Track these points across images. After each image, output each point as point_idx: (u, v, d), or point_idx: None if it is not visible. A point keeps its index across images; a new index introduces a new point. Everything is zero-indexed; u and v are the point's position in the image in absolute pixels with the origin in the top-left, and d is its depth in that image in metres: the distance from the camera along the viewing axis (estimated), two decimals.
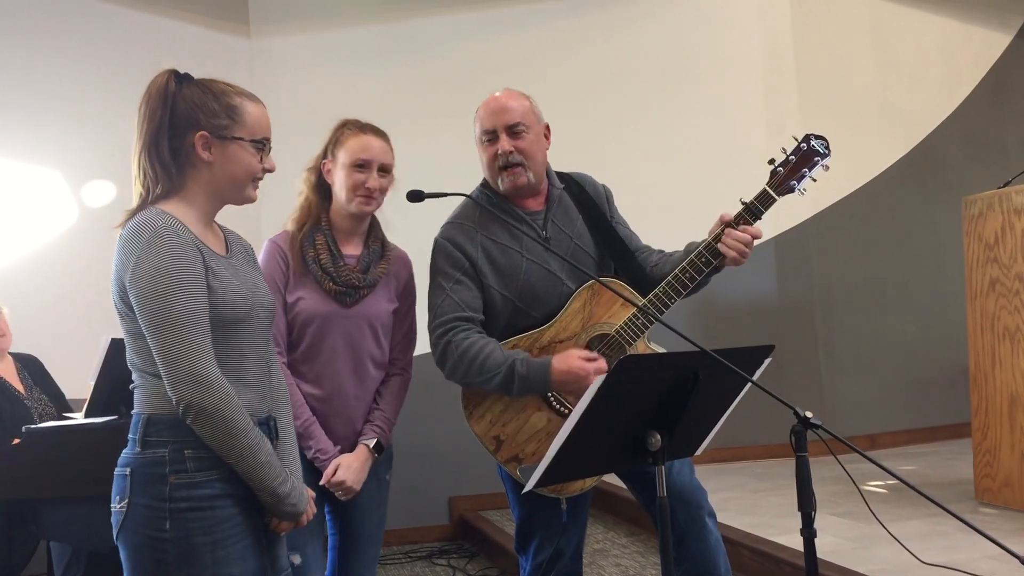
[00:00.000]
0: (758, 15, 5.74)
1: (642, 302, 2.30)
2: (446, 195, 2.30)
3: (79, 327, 4.62)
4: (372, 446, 2.38)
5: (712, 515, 2.40)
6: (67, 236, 5.04)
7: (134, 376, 1.76)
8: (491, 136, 2.38)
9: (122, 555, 1.72)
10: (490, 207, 2.41)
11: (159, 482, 1.67)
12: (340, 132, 2.42)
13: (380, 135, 2.42)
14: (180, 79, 1.78)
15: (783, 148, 2.34)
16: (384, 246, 2.48)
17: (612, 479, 2.60)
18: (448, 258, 2.38)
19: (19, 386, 3.97)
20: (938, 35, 6.12)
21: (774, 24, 5.72)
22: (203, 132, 1.75)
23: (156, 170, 1.74)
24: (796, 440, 1.66)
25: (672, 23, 5.70)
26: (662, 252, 2.52)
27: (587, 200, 2.49)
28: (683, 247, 2.44)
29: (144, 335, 1.68)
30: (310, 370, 2.37)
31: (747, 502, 4.23)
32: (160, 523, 1.66)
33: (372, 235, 2.47)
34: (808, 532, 1.69)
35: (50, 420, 3.81)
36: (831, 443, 1.69)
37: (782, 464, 5.02)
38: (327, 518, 2.46)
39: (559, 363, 2.25)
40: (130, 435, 1.74)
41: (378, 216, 2.49)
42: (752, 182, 2.40)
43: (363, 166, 2.36)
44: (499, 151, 2.35)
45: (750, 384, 1.80)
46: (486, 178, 2.46)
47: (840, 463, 1.89)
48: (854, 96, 5.82)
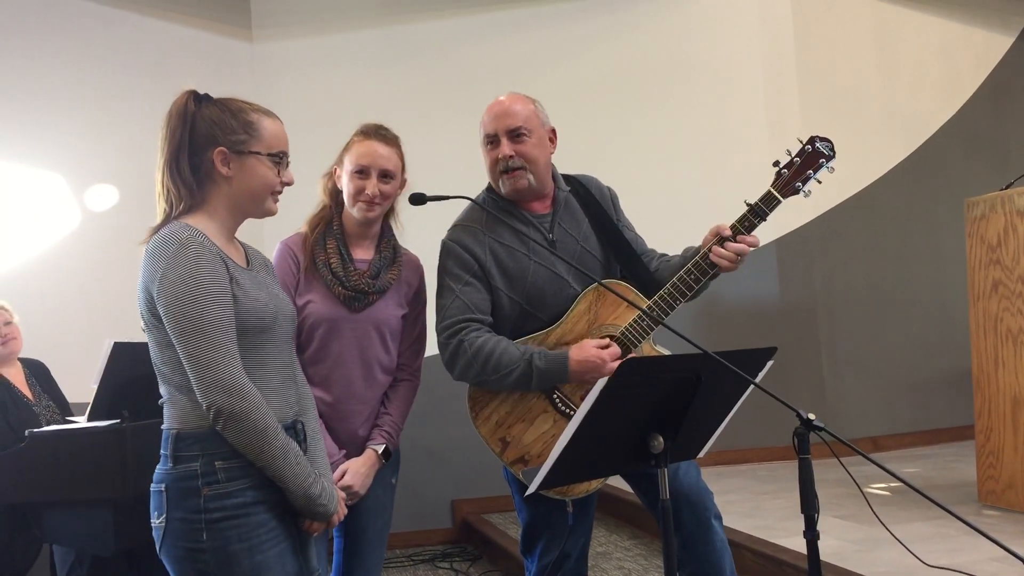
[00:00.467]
0: (759, 18, 5.74)
1: (646, 304, 2.31)
2: (448, 198, 2.30)
3: (82, 331, 4.63)
4: (380, 452, 2.39)
5: (718, 517, 2.40)
6: (69, 240, 5.05)
7: (162, 391, 1.80)
8: (492, 140, 2.40)
9: (168, 569, 1.77)
10: (496, 210, 2.42)
11: (193, 495, 1.71)
12: (352, 138, 2.44)
13: (387, 141, 2.41)
14: (199, 99, 1.83)
15: (788, 150, 2.34)
16: (396, 251, 2.49)
17: (615, 481, 2.60)
18: (457, 260, 2.39)
19: (28, 393, 3.96)
20: (939, 37, 6.12)
21: (775, 27, 5.73)
22: (221, 148, 1.80)
23: (179, 187, 1.79)
24: (799, 442, 1.67)
25: (674, 27, 5.71)
26: (663, 257, 2.53)
27: (593, 203, 2.51)
28: (682, 251, 2.46)
29: (173, 344, 1.71)
30: (317, 373, 2.37)
31: (750, 504, 4.22)
32: (197, 535, 1.70)
33: (384, 240, 2.48)
34: (811, 534, 1.70)
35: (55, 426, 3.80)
36: (834, 445, 1.69)
37: (785, 466, 5.03)
38: None
39: (576, 353, 2.27)
40: (162, 451, 1.78)
41: (394, 221, 2.50)
42: (754, 184, 2.41)
43: (363, 172, 2.37)
44: (499, 155, 2.38)
45: (753, 386, 1.81)
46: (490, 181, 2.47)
47: (843, 465, 1.90)
48: (855, 98, 5.82)
